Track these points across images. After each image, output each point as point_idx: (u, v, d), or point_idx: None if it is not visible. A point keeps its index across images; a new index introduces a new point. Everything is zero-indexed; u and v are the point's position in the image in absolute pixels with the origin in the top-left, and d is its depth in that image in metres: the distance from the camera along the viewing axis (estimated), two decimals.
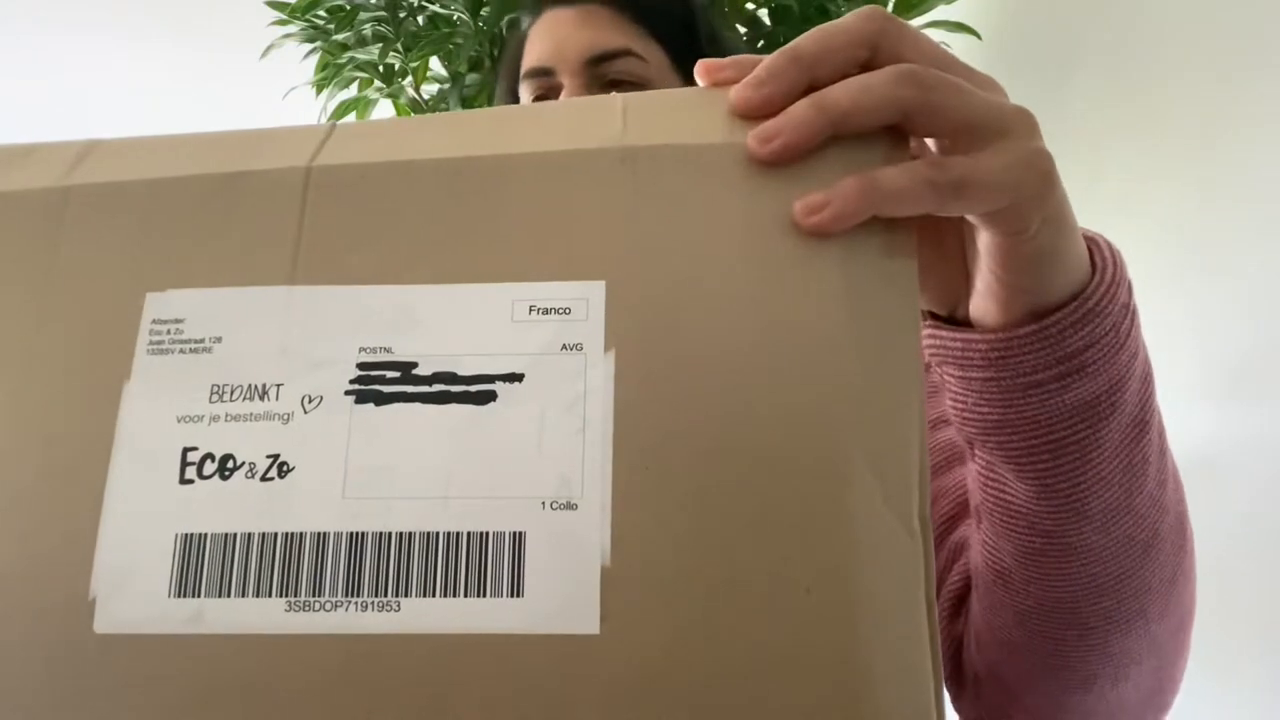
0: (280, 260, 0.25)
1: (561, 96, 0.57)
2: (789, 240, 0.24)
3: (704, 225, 0.25)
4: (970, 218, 0.27)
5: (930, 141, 0.27)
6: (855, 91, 0.24)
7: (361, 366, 0.24)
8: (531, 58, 0.60)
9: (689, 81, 0.57)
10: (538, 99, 0.59)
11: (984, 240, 0.27)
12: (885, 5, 1.11)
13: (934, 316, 0.31)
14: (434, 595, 0.22)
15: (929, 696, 0.22)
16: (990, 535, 0.34)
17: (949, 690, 0.40)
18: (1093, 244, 0.29)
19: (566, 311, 0.24)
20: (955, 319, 0.31)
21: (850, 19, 0.25)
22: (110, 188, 0.27)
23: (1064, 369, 0.28)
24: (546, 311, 0.24)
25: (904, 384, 0.24)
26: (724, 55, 0.64)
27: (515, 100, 0.64)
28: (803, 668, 0.22)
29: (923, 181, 0.24)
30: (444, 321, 0.24)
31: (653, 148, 0.26)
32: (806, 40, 0.25)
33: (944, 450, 0.43)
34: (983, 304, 0.29)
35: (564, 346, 0.24)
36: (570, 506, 0.23)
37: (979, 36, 1.12)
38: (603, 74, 0.57)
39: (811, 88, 0.25)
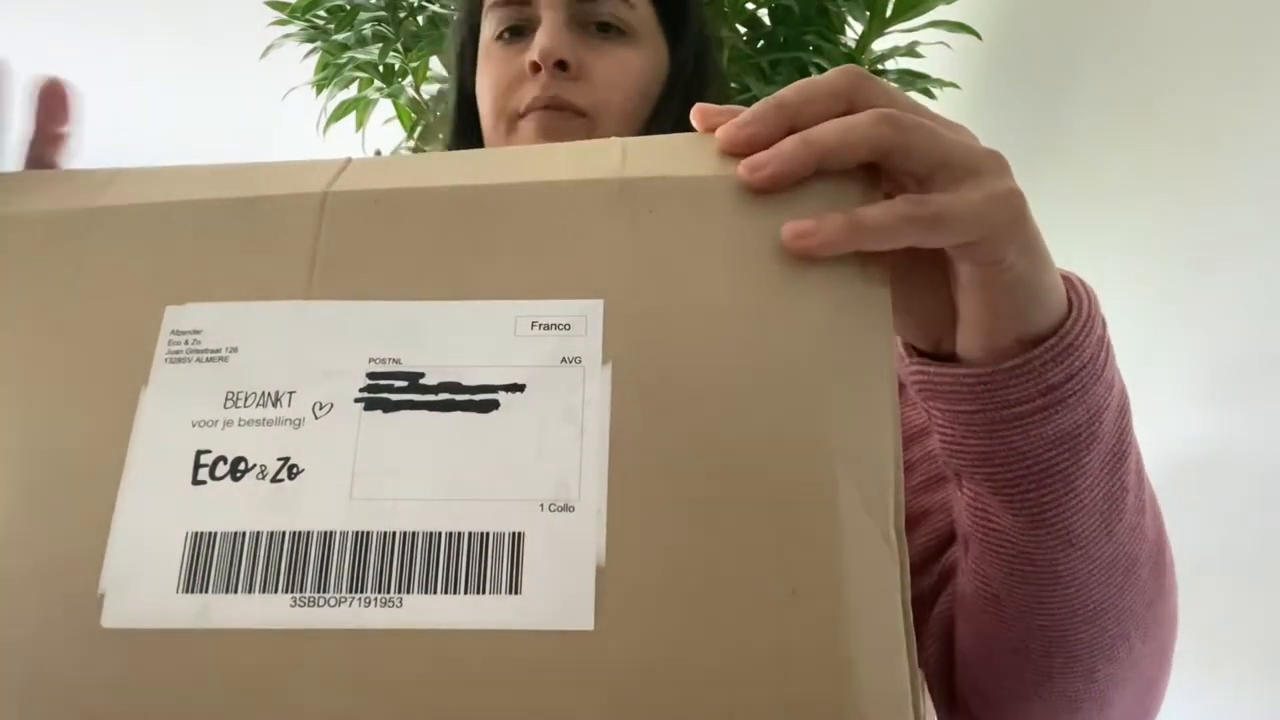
0: (296, 277, 0.26)
1: (538, 31, 0.49)
2: (774, 265, 0.26)
3: (696, 249, 0.26)
4: (950, 251, 0.28)
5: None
6: (840, 130, 0.26)
7: (371, 376, 0.25)
8: None
9: (671, 43, 0.54)
10: (508, 30, 0.52)
11: (965, 272, 0.29)
12: (886, 6, 1.11)
13: (919, 352, 0.33)
14: (435, 592, 0.23)
15: (907, 696, 0.23)
16: (980, 563, 0.35)
17: (942, 713, 0.41)
18: (1068, 281, 0.30)
19: (567, 327, 0.25)
20: (940, 354, 0.32)
21: (829, 76, 0.28)
22: (134, 209, 0.28)
23: (1045, 401, 0.29)
24: (548, 327, 0.25)
25: (879, 400, 0.25)
26: (707, 31, 0.59)
27: (474, 37, 0.55)
28: (789, 666, 0.22)
29: (902, 217, 0.26)
30: (451, 335, 0.25)
31: (649, 179, 0.27)
32: (789, 92, 0.28)
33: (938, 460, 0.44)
34: (968, 336, 0.30)
35: (564, 359, 0.25)
36: (567, 509, 0.23)
37: (979, 36, 1.12)
38: (587, 13, 0.50)
39: (791, 132, 0.27)
